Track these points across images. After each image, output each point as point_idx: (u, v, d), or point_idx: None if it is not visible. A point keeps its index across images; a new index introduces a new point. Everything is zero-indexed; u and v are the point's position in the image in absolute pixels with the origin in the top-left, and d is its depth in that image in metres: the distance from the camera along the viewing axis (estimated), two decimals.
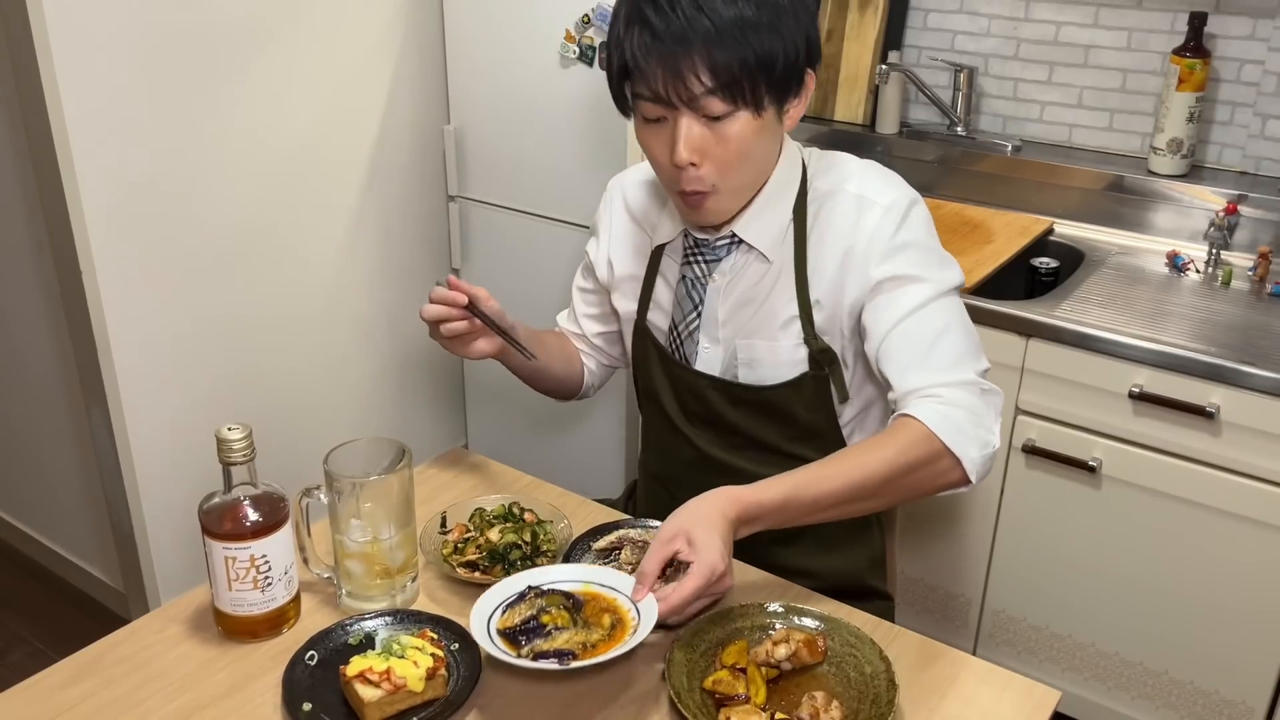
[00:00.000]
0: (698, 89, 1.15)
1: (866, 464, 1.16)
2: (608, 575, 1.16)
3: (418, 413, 2.72)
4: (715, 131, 1.18)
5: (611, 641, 1.07)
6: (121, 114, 1.92)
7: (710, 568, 1.06)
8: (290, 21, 2.15)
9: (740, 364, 1.34)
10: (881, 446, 1.17)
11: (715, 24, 1.12)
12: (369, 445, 1.20)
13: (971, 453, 1.18)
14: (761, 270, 1.31)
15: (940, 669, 1.14)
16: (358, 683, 1.03)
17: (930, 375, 1.21)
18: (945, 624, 2.17)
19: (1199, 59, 2.07)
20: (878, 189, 1.27)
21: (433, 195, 2.56)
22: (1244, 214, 2.07)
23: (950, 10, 2.40)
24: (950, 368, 1.22)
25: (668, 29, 1.13)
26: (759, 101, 1.17)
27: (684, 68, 1.14)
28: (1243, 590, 1.81)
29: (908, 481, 1.17)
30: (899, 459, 1.16)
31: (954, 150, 2.40)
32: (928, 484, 1.19)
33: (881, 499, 1.19)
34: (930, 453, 1.17)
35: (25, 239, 2.23)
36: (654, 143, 1.22)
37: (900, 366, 1.23)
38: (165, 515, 2.19)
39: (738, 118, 1.18)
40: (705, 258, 1.34)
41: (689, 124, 1.17)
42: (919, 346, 1.22)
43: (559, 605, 1.12)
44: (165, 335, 2.09)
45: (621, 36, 1.18)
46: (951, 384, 1.21)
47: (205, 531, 1.11)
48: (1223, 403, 1.73)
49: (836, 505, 1.16)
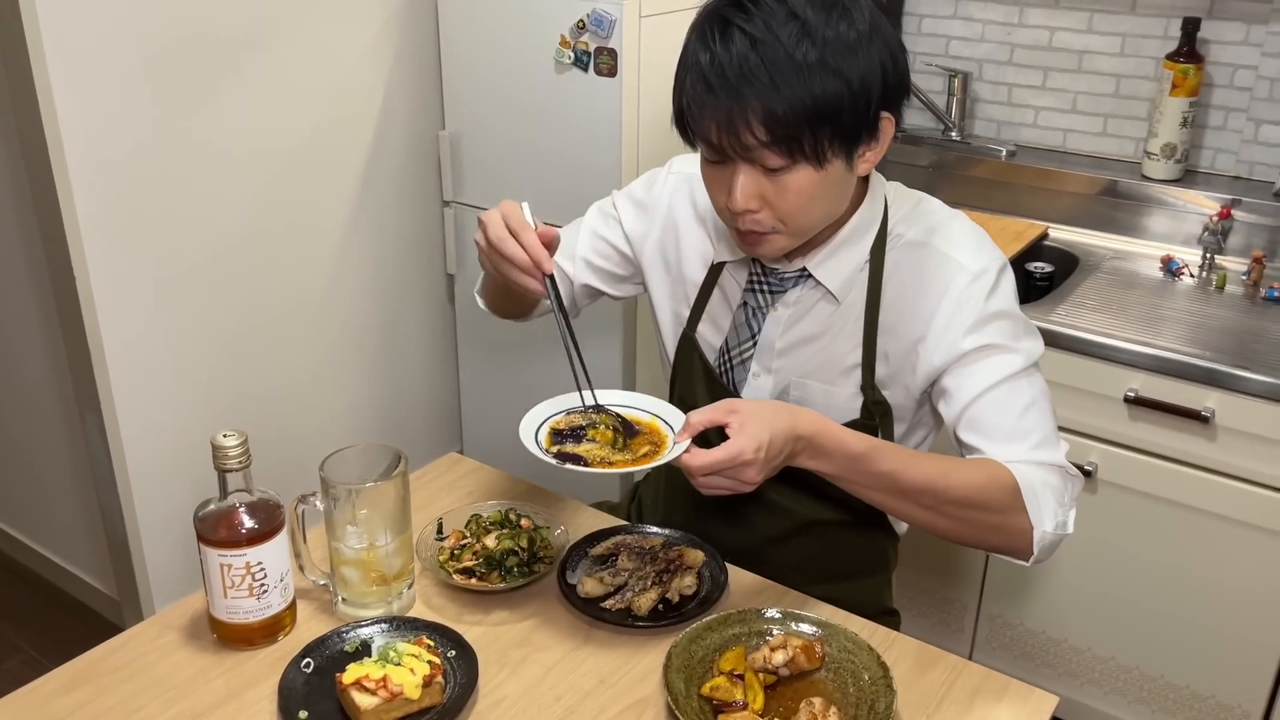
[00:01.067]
0: (751, 142, 1.08)
1: (951, 475, 1.13)
2: (675, 414, 1.15)
3: (412, 418, 2.71)
4: (775, 182, 1.11)
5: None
6: (115, 121, 1.92)
7: (738, 451, 1.03)
8: (285, 28, 2.14)
9: (791, 400, 1.29)
10: (970, 470, 1.14)
11: (771, 72, 1.05)
12: (365, 451, 1.20)
13: (1046, 526, 1.15)
14: (829, 310, 1.25)
15: (938, 674, 1.14)
16: (354, 690, 1.03)
17: (1021, 450, 1.17)
18: (942, 629, 2.17)
19: (1192, 64, 2.08)
20: (969, 252, 1.21)
21: (427, 201, 2.56)
22: (1238, 218, 2.08)
23: (945, 16, 2.41)
24: (1040, 446, 1.18)
25: (722, 79, 1.06)
26: (820, 154, 1.09)
27: (737, 121, 1.07)
28: (1239, 594, 1.82)
29: (976, 517, 1.14)
30: (981, 492, 1.13)
31: (948, 155, 2.41)
32: (991, 534, 1.16)
33: (941, 518, 1.15)
34: (1010, 504, 1.13)
35: (19, 246, 2.22)
36: (713, 182, 1.17)
37: (987, 436, 1.18)
38: (159, 522, 2.19)
39: (798, 170, 1.10)
40: (771, 287, 1.28)
41: (747, 172, 1.11)
42: (1007, 417, 1.18)
43: (610, 425, 1.14)
44: (159, 342, 2.09)
45: (681, 77, 1.12)
46: (1041, 464, 1.17)
47: (201, 539, 1.11)
48: (1218, 407, 1.74)
49: (899, 495, 1.13)
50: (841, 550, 1.40)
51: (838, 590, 1.30)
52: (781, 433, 1.06)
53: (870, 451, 1.11)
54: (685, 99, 1.11)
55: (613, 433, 1.14)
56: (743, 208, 1.13)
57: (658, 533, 1.32)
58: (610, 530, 1.33)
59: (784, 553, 1.36)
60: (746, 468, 1.05)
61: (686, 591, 1.22)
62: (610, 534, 1.32)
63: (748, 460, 1.04)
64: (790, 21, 1.06)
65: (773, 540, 1.37)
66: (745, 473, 1.05)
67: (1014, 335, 1.21)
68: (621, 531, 1.33)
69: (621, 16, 2.05)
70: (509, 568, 1.24)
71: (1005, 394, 1.18)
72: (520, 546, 1.26)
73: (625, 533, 1.33)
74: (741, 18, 1.07)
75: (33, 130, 1.87)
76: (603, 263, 1.42)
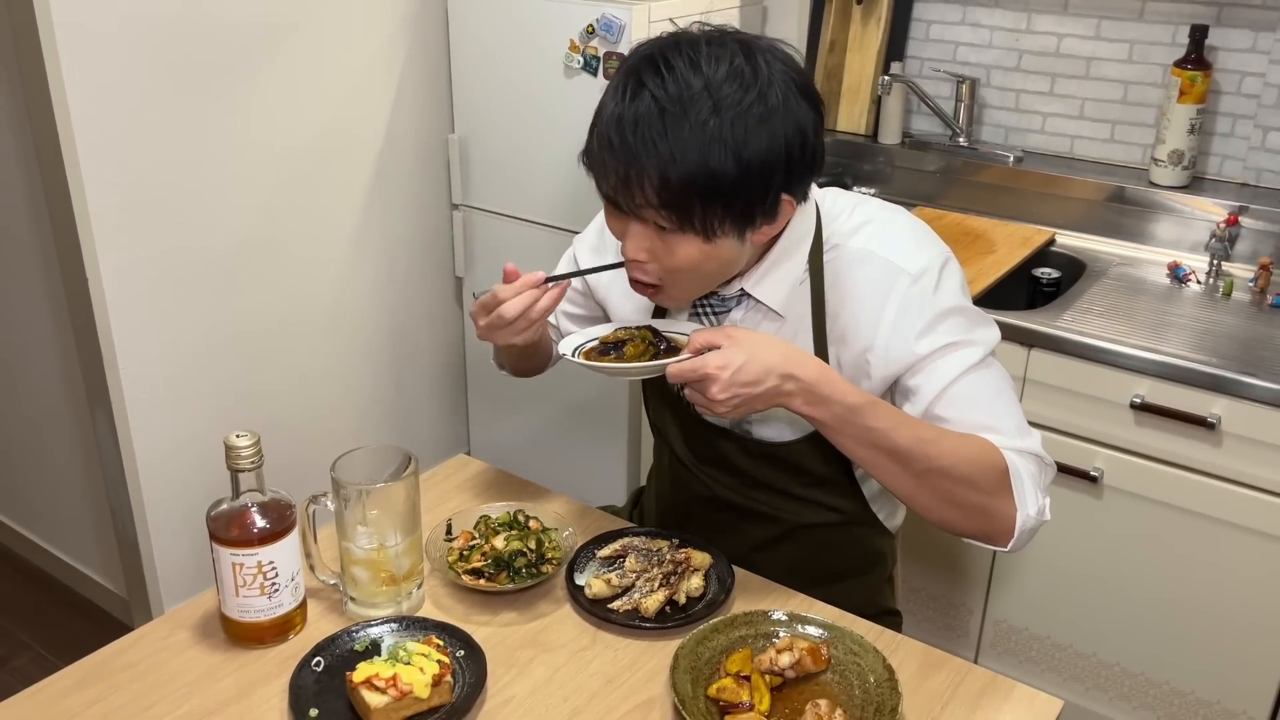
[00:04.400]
0: (643, 202, 1.08)
1: (942, 445, 1.12)
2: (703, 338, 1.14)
3: (420, 420, 2.72)
4: (665, 241, 1.12)
5: None
6: (128, 121, 1.93)
7: (703, 362, 1.07)
8: (296, 31, 2.16)
9: (754, 421, 1.30)
10: (963, 443, 1.13)
11: (671, 142, 1.04)
12: (375, 452, 1.21)
13: (1030, 510, 1.14)
14: (774, 327, 1.25)
15: (943, 678, 1.14)
16: (364, 689, 1.04)
17: (996, 440, 1.15)
18: (947, 633, 2.17)
19: (1200, 71, 2.08)
20: (908, 253, 1.19)
21: (437, 204, 2.57)
22: (1245, 225, 2.08)
23: (953, 22, 2.41)
24: (1014, 434, 1.17)
25: (622, 138, 1.06)
26: (709, 229, 1.09)
27: (633, 180, 1.07)
28: (1244, 601, 1.82)
29: (962, 494, 1.13)
30: (971, 466, 1.12)
31: (956, 161, 2.41)
32: (972, 515, 1.15)
33: (924, 485, 1.13)
34: (998, 485, 1.13)
35: (31, 246, 2.24)
36: (612, 222, 1.17)
37: (958, 428, 1.16)
38: (169, 522, 2.20)
39: (685, 238, 1.10)
40: (714, 308, 1.28)
41: (638, 228, 1.12)
42: (977, 408, 1.17)
43: (648, 340, 1.19)
44: (170, 342, 2.10)
45: (592, 125, 1.13)
46: (1020, 451, 1.16)
47: (213, 538, 1.12)
48: (1224, 413, 1.74)
49: (888, 454, 1.12)
50: (832, 552, 1.40)
51: (832, 593, 1.30)
52: (764, 364, 1.07)
53: (867, 405, 1.11)
54: (590, 147, 1.13)
55: (646, 345, 1.19)
56: (632, 258, 1.14)
57: (665, 535, 1.33)
58: (618, 532, 1.34)
59: (773, 558, 1.36)
60: (709, 382, 1.07)
61: (693, 593, 1.22)
62: (618, 535, 1.33)
63: (709, 374, 1.06)
64: (701, 94, 1.05)
65: (759, 547, 1.38)
66: (709, 388, 1.07)
67: (968, 328, 1.20)
68: (629, 533, 1.34)
69: (630, 21, 2.06)
70: (517, 569, 1.25)
71: (971, 385, 1.17)
72: (528, 548, 1.26)
73: (633, 534, 1.33)
74: (655, 81, 1.07)
75: (46, 131, 1.88)
76: (575, 310, 1.47)
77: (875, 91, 2.50)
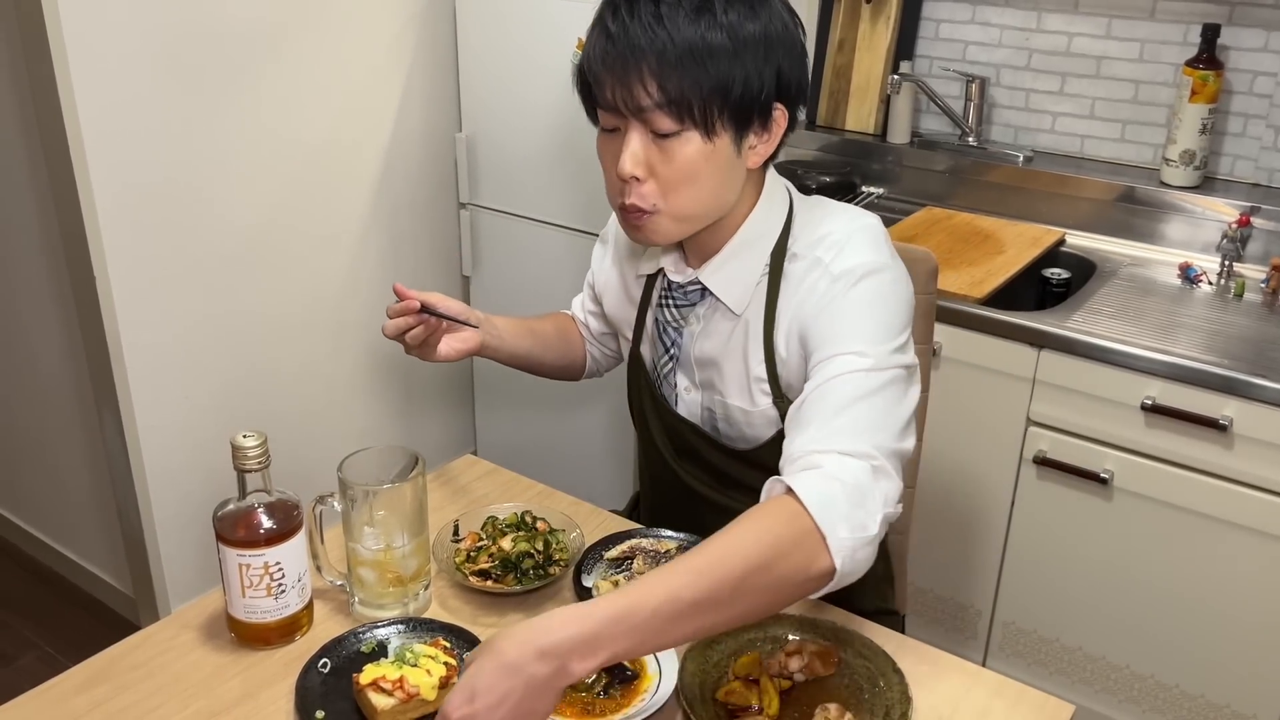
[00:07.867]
0: (645, 101, 1.10)
1: (727, 550, 0.94)
2: None
3: (426, 419, 2.72)
4: (663, 149, 1.13)
5: None
6: (135, 119, 1.93)
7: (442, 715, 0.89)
8: (303, 28, 2.16)
9: (719, 420, 1.31)
10: (741, 529, 0.96)
11: (673, 39, 1.08)
12: (382, 453, 1.20)
13: (841, 532, 0.97)
14: (730, 325, 1.25)
15: (953, 682, 1.14)
16: (371, 691, 1.03)
17: (822, 440, 1.04)
18: (955, 635, 2.16)
19: (1212, 71, 2.07)
20: (843, 254, 1.17)
21: (444, 202, 2.57)
22: (1257, 226, 2.07)
23: (962, 21, 2.40)
24: (849, 435, 1.04)
25: (624, 37, 1.10)
26: (709, 125, 1.11)
27: (633, 78, 1.10)
28: (1254, 603, 1.81)
29: (777, 571, 0.95)
30: (759, 544, 0.95)
31: (965, 160, 2.40)
32: (797, 574, 0.96)
33: (748, 597, 0.95)
34: (797, 532, 0.96)
35: (38, 242, 2.24)
36: (606, 153, 1.18)
37: (799, 425, 1.08)
38: (175, 520, 2.20)
39: (687, 138, 1.11)
40: (677, 301, 1.29)
41: (637, 136, 1.13)
42: (825, 410, 1.07)
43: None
44: (176, 340, 2.10)
45: (588, 38, 1.17)
46: (843, 453, 1.02)
47: (219, 538, 1.12)
48: (1235, 415, 1.73)
49: (696, 613, 0.92)
50: None
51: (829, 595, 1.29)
52: (498, 664, 0.89)
53: (635, 595, 0.91)
54: (588, 58, 1.15)
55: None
56: (630, 173, 1.14)
57: (672, 536, 1.32)
58: (625, 533, 1.33)
59: None
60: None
61: None
62: (625, 537, 1.32)
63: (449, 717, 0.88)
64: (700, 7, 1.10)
65: None
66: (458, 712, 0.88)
67: (867, 339, 1.11)
68: (636, 535, 1.33)
69: None
70: (524, 570, 1.24)
71: (832, 388, 1.09)
72: (536, 549, 1.26)
73: (640, 536, 1.33)
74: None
75: (54, 129, 1.88)
76: (597, 308, 1.50)
77: (884, 91, 2.49)
